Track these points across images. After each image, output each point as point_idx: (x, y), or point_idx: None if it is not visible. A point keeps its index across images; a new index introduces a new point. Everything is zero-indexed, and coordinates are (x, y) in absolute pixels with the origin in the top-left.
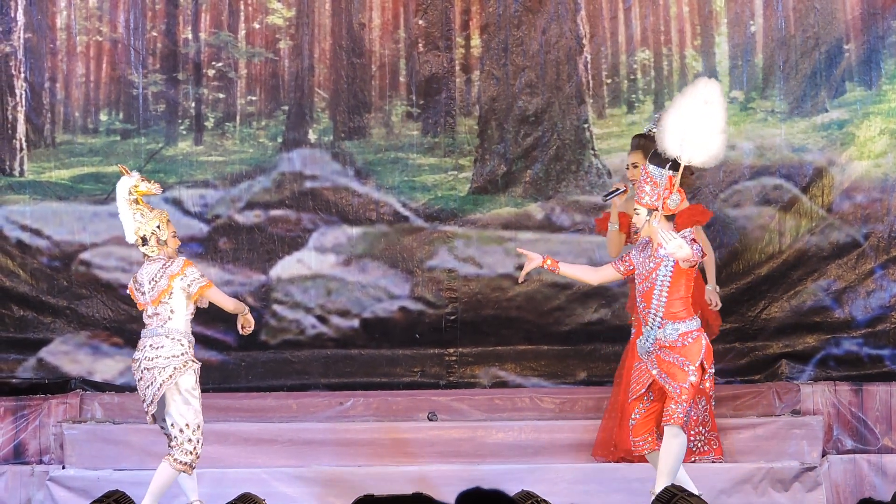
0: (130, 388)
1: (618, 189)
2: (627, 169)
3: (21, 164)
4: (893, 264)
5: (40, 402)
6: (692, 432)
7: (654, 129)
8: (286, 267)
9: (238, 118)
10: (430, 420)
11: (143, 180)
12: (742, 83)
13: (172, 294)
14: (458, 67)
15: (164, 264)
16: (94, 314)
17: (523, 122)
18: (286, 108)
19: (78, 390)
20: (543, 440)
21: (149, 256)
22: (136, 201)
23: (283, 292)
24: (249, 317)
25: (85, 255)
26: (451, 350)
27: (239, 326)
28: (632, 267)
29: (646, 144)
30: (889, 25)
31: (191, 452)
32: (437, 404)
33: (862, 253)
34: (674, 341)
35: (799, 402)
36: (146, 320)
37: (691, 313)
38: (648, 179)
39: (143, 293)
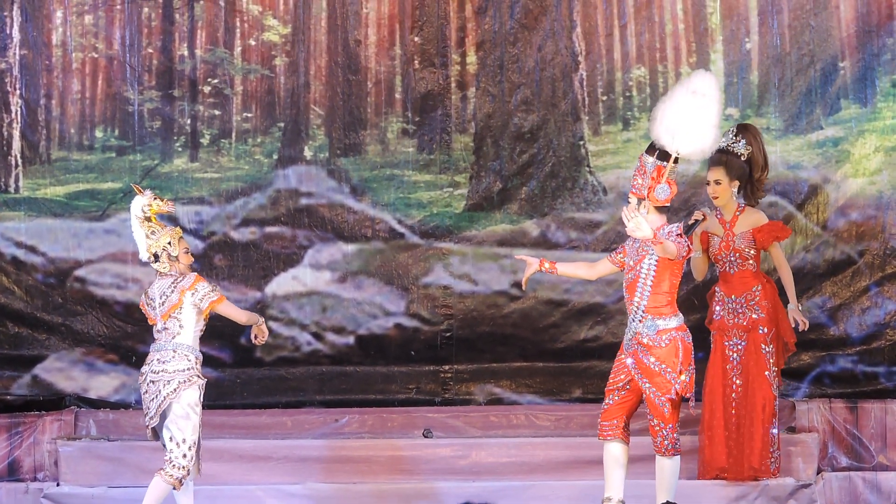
0: (125, 405)
1: (696, 220)
2: (707, 185)
3: (16, 181)
4: (888, 282)
5: (35, 419)
6: (774, 450)
7: (734, 145)
8: (281, 284)
9: (234, 135)
10: (426, 437)
11: (155, 199)
12: (737, 100)
13: (183, 309)
14: (453, 84)
15: (176, 279)
16: (88, 331)
17: (519, 138)
18: (282, 124)
19: (72, 407)
20: (539, 457)
21: (161, 273)
22: (148, 219)
23: (279, 309)
24: (264, 327)
25: (80, 272)
26: (447, 367)
27: (252, 336)
28: (626, 258)
29: (729, 160)
30: (884, 43)
31: (183, 468)
32: (433, 421)
33: (857, 270)
34: (651, 338)
35: (794, 420)
36: (155, 335)
37: (675, 311)
38: (640, 168)
39: (154, 307)
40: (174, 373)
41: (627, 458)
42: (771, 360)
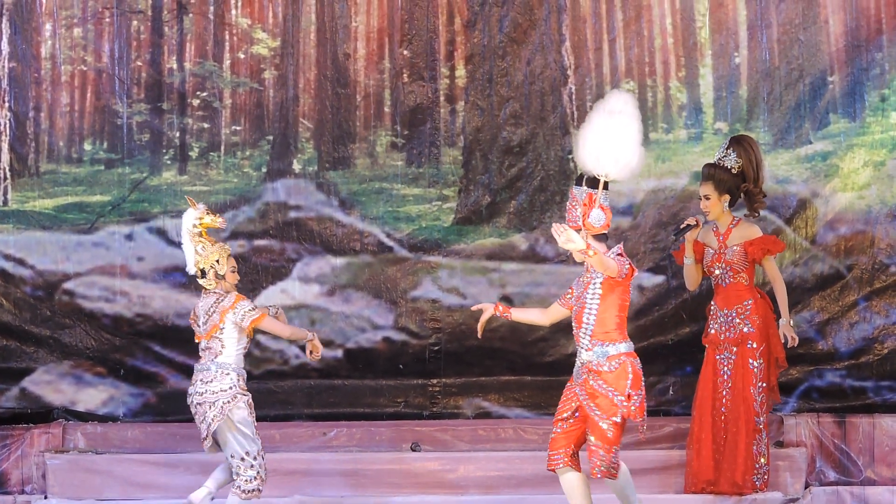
0: (113, 418)
1: (689, 225)
2: (700, 200)
3: (5, 194)
4: (876, 296)
5: (23, 431)
6: (760, 466)
7: (724, 158)
8: (270, 297)
9: (222, 148)
10: (414, 451)
11: (207, 213)
12: (726, 115)
13: (224, 329)
14: (442, 98)
15: (218, 298)
16: (77, 344)
17: (507, 152)
18: (271, 137)
19: (60, 420)
20: (527, 471)
21: (206, 289)
22: (200, 234)
23: None
24: (317, 342)
25: (68, 285)
26: (435, 380)
27: (308, 353)
28: (572, 297)
29: (717, 174)
30: (873, 58)
31: (254, 479)
32: (421, 435)
33: (845, 285)
34: (600, 365)
35: (782, 434)
36: (200, 353)
37: (623, 337)
38: (572, 200)
39: (199, 325)
40: (218, 393)
41: (588, 485)
42: (759, 376)
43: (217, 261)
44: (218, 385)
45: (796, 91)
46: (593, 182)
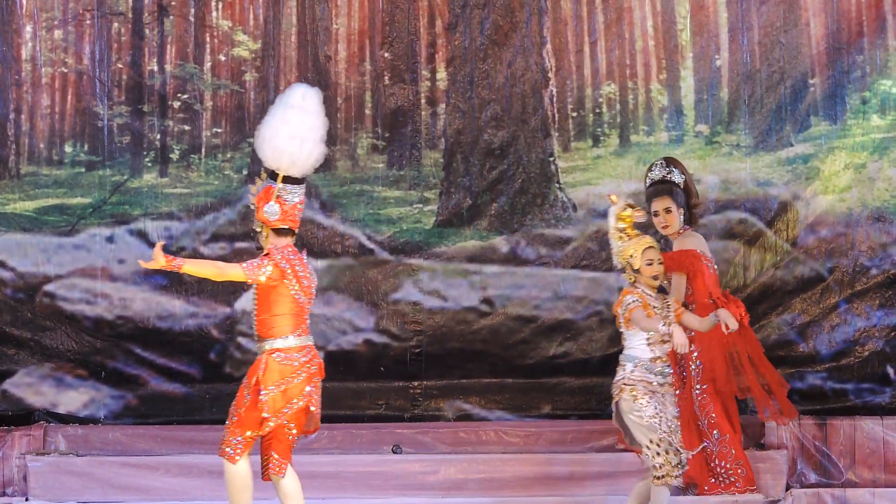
0: (94, 421)
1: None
2: (656, 216)
3: None
4: (857, 299)
5: (3, 433)
6: (721, 466)
7: (670, 174)
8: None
9: (203, 150)
10: (395, 453)
11: (625, 207)
12: (707, 117)
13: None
14: (423, 100)
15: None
16: (58, 346)
17: (489, 155)
18: (251, 140)
19: (42, 422)
20: (508, 473)
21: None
22: (624, 230)
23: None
24: (677, 338)
25: (49, 287)
26: (416, 383)
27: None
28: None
29: (672, 189)
30: (854, 60)
31: (661, 466)
32: (402, 437)
33: (826, 287)
34: (258, 360)
35: (763, 436)
36: None
37: (284, 333)
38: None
39: None
40: (614, 384)
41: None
42: (697, 378)
43: (631, 255)
44: (617, 375)
45: (777, 94)
46: (274, 174)
